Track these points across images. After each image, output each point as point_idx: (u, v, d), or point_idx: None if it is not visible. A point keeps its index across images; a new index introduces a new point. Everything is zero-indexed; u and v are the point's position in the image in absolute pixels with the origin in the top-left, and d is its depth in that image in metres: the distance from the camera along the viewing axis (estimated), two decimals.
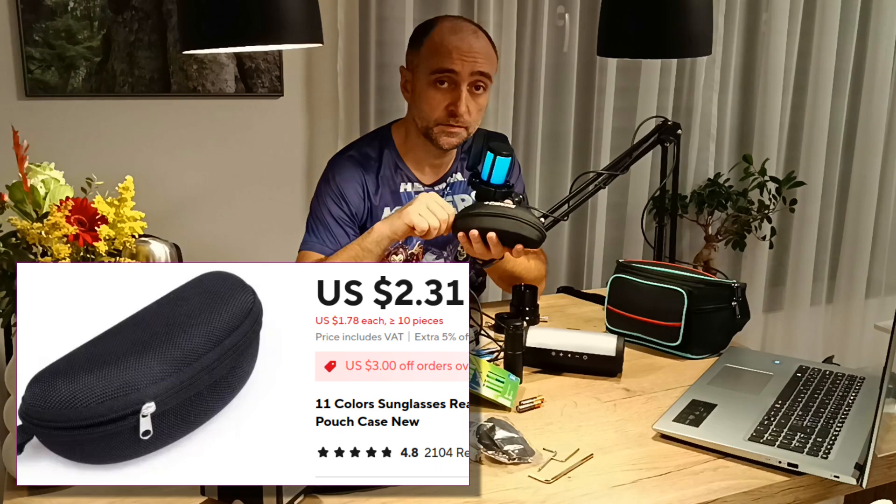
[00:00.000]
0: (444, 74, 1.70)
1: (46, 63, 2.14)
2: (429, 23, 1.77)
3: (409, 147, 1.82)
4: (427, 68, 1.72)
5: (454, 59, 1.69)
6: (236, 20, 1.20)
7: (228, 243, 2.39)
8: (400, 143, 1.83)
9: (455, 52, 1.69)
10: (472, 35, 1.72)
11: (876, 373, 1.23)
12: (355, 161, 1.79)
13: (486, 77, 1.73)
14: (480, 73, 1.71)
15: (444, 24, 1.74)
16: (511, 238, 1.56)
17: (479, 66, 1.70)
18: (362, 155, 1.81)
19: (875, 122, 3.21)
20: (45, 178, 1.06)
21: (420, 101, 1.74)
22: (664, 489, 1.09)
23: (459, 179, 1.87)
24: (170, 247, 1.14)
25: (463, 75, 1.70)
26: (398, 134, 1.84)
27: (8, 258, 1.01)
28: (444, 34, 1.71)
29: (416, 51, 1.76)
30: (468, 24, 1.75)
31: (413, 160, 1.82)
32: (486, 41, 1.74)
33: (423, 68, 1.73)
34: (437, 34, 1.72)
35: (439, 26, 1.73)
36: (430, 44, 1.72)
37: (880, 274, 3.42)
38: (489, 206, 1.59)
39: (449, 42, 1.70)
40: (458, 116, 1.71)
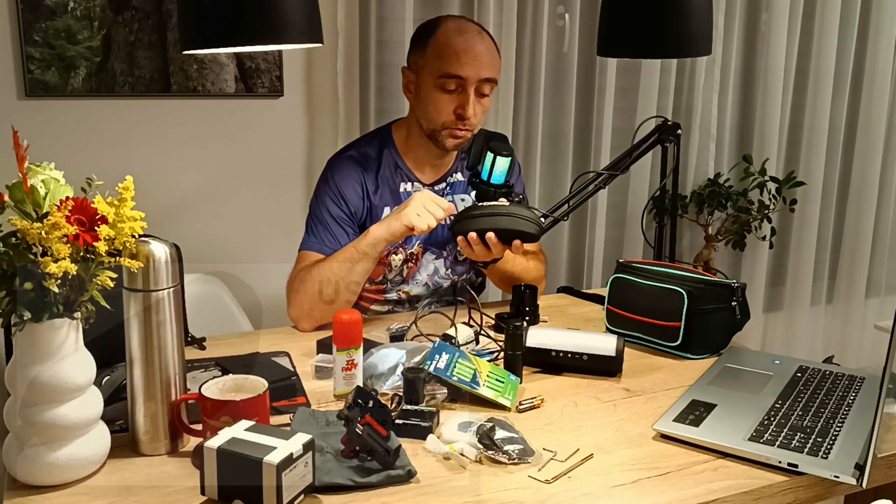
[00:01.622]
0: (451, 79, 1.69)
1: (46, 63, 2.14)
2: (432, 23, 1.75)
3: (409, 147, 1.81)
4: (433, 71, 1.70)
5: (462, 64, 1.68)
6: (236, 20, 1.20)
7: (228, 243, 2.39)
8: (401, 143, 1.82)
9: (462, 56, 1.68)
10: (477, 37, 1.70)
11: (876, 373, 1.23)
12: (354, 161, 1.79)
13: (492, 81, 1.73)
14: (486, 79, 1.71)
15: (449, 24, 1.72)
16: (509, 235, 1.57)
17: (486, 71, 1.69)
18: (361, 154, 1.80)
19: (875, 122, 3.21)
20: (45, 178, 1.05)
21: (426, 103, 1.73)
22: (664, 489, 1.09)
23: (460, 179, 1.87)
24: (170, 247, 1.14)
25: (470, 80, 1.69)
26: (399, 133, 1.83)
27: (8, 258, 1.01)
28: (450, 36, 1.69)
29: (420, 52, 1.74)
30: (473, 26, 1.74)
31: (413, 160, 1.82)
32: (490, 43, 1.73)
33: (428, 70, 1.71)
34: (443, 35, 1.70)
35: (444, 27, 1.72)
36: (435, 45, 1.71)
37: (880, 274, 3.42)
38: (484, 206, 1.60)
39: (455, 45, 1.68)
40: (466, 120, 1.71)
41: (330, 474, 1.08)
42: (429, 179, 1.84)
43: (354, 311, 1.33)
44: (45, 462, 1.05)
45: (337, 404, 1.32)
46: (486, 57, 1.70)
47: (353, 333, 1.32)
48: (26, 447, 1.05)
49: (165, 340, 1.14)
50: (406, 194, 1.80)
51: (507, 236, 1.57)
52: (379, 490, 1.07)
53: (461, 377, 1.32)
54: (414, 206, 1.59)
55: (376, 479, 1.08)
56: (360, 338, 1.33)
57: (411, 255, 1.82)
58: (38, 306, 1.02)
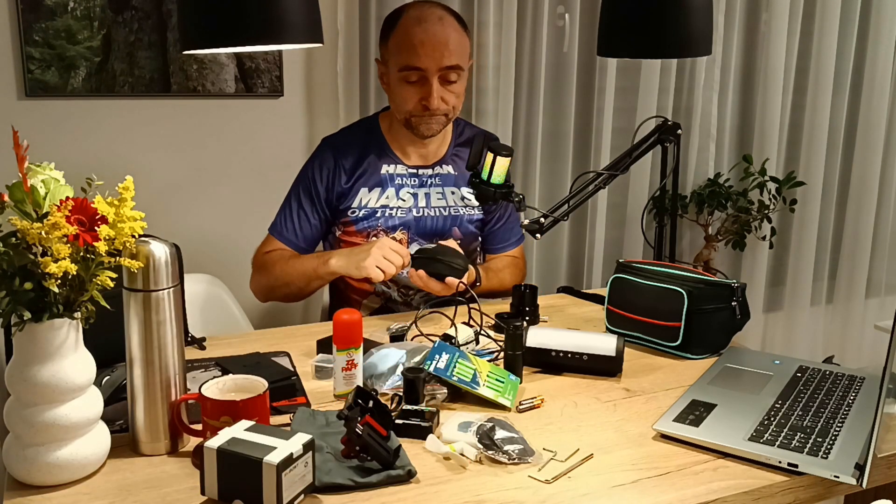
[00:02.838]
0: (412, 71, 1.71)
1: (46, 63, 2.14)
2: (395, 13, 1.78)
3: (393, 136, 1.87)
4: (395, 64, 1.74)
5: (420, 56, 1.69)
6: (236, 20, 1.20)
7: (228, 243, 2.39)
8: (386, 130, 1.87)
9: (420, 48, 1.69)
10: (437, 25, 1.70)
11: (876, 373, 1.23)
12: (331, 145, 1.85)
13: (456, 68, 1.73)
14: (448, 67, 1.71)
15: (410, 13, 1.74)
16: (440, 276, 1.67)
17: (447, 59, 1.70)
18: (342, 139, 1.87)
19: (875, 122, 3.21)
20: (45, 178, 1.05)
21: (394, 95, 1.78)
22: (664, 489, 1.09)
23: (451, 172, 1.89)
24: (170, 247, 1.14)
25: (431, 70, 1.70)
26: (384, 122, 1.89)
27: (8, 258, 1.01)
28: (409, 26, 1.71)
29: (384, 45, 1.79)
30: (434, 11, 1.73)
31: (398, 146, 1.87)
32: (453, 27, 1.73)
33: (392, 63, 1.76)
34: (403, 27, 1.73)
35: (404, 18, 1.74)
36: (395, 38, 1.74)
37: (880, 274, 3.42)
38: (424, 249, 1.69)
39: (413, 36, 1.70)
40: (431, 110, 1.73)
41: (330, 474, 1.08)
42: (413, 162, 1.87)
43: (355, 311, 1.33)
44: (45, 462, 1.05)
45: (337, 404, 1.32)
46: (446, 45, 1.70)
47: (353, 333, 1.32)
48: (26, 447, 1.05)
49: (165, 340, 1.14)
50: (388, 176, 1.84)
51: (440, 277, 1.67)
52: (379, 490, 1.07)
53: (461, 377, 1.32)
54: (374, 256, 1.62)
55: (376, 479, 1.08)
56: (360, 338, 1.33)
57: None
58: (38, 306, 1.02)
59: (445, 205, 1.88)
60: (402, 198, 1.84)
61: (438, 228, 1.87)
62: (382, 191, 1.83)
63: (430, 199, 1.87)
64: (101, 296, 1.05)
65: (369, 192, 1.83)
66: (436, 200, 1.88)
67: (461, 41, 1.75)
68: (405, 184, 1.85)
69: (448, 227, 1.88)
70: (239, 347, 1.55)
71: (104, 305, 1.06)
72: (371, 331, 1.62)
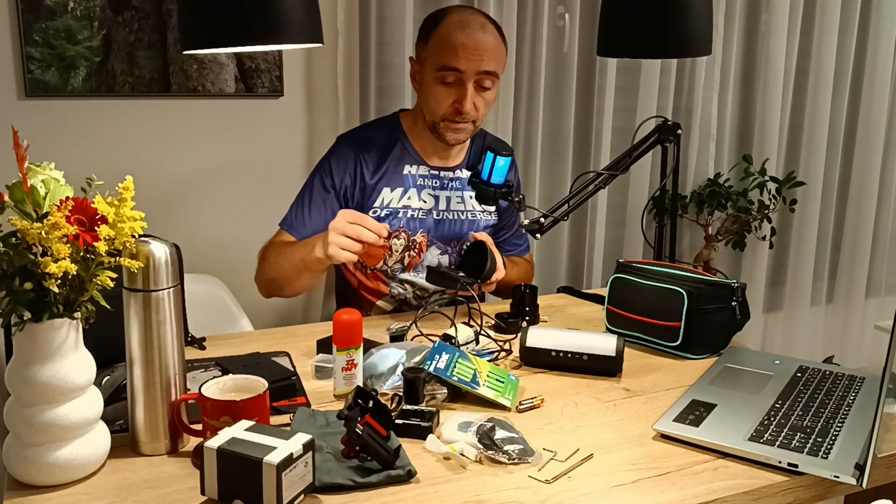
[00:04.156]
0: (450, 72, 1.70)
1: (46, 63, 2.14)
2: (438, 14, 1.78)
3: (416, 136, 1.86)
4: (433, 64, 1.73)
5: (460, 57, 1.69)
6: (236, 20, 1.20)
7: (228, 243, 2.39)
8: (408, 129, 1.86)
9: (461, 50, 1.69)
10: (479, 31, 1.71)
11: (876, 373, 1.23)
12: (352, 141, 1.83)
13: (493, 75, 1.73)
14: (486, 73, 1.71)
15: (453, 17, 1.74)
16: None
17: (485, 64, 1.70)
18: (364, 136, 1.85)
19: (875, 122, 3.21)
20: (45, 178, 1.05)
21: (427, 95, 1.77)
22: (664, 489, 1.09)
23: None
24: (170, 247, 1.14)
25: (468, 73, 1.70)
26: (406, 121, 1.88)
27: (8, 258, 1.01)
28: (452, 29, 1.71)
29: (423, 44, 1.77)
30: (477, 18, 1.74)
31: (420, 147, 1.86)
32: (494, 36, 1.74)
33: (429, 63, 1.74)
34: (445, 28, 1.72)
35: (447, 20, 1.73)
36: (437, 38, 1.73)
37: (880, 274, 3.41)
38: (436, 269, 1.71)
39: (455, 38, 1.70)
40: (464, 114, 1.72)
41: (330, 474, 1.08)
42: (435, 163, 1.87)
43: (354, 311, 1.33)
44: (45, 462, 1.05)
45: (337, 404, 1.32)
46: (486, 50, 1.71)
47: (353, 333, 1.32)
48: (26, 447, 1.05)
49: (165, 340, 1.14)
50: (410, 176, 1.84)
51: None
52: (379, 490, 1.07)
53: (461, 377, 1.32)
54: (332, 236, 1.54)
55: (376, 479, 1.08)
56: (360, 338, 1.33)
57: (413, 243, 1.83)
58: (38, 306, 1.02)
59: (464, 209, 1.89)
60: (424, 199, 1.84)
61: (456, 232, 1.87)
62: (405, 191, 1.83)
63: (450, 202, 1.87)
64: (101, 296, 1.05)
65: (391, 192, 1.82)
66: (455, 204, 1.88)
67: (500, 50, 1.75)
68: (426, 185, 1.85)
69: (465, 231, 1.89)
70: (239, 347, 1.55)
71: (104, 305, 1.06)
72: (371, 331, 1.62)
